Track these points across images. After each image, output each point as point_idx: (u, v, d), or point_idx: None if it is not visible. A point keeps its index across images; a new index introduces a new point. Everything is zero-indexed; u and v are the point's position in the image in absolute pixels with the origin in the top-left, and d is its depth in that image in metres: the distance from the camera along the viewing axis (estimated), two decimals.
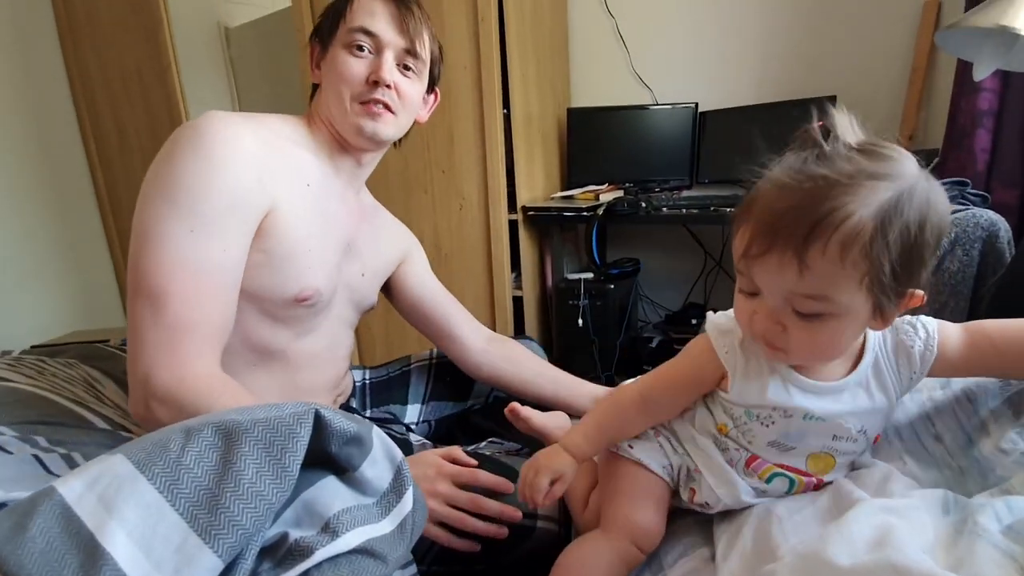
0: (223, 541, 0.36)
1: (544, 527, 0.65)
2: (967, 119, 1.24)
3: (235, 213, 0.63)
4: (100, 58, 2.12)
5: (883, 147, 0.43)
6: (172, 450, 0.38)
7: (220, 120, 0.64)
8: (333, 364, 0.82)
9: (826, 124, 0.44)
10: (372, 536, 0.41)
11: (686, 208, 1.65)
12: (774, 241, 0.42)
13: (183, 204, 0.60)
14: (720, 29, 1.87)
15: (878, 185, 0.41)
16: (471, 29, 1.61)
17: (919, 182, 0.42)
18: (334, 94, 0.73)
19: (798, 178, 0.42)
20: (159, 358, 0.58)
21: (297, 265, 0.69)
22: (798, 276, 0.42)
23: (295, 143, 0.73)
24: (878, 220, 0.40)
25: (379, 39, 0.72)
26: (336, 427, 0.42)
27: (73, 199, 2.25)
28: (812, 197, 0.41)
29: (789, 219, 0.41)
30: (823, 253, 0.40)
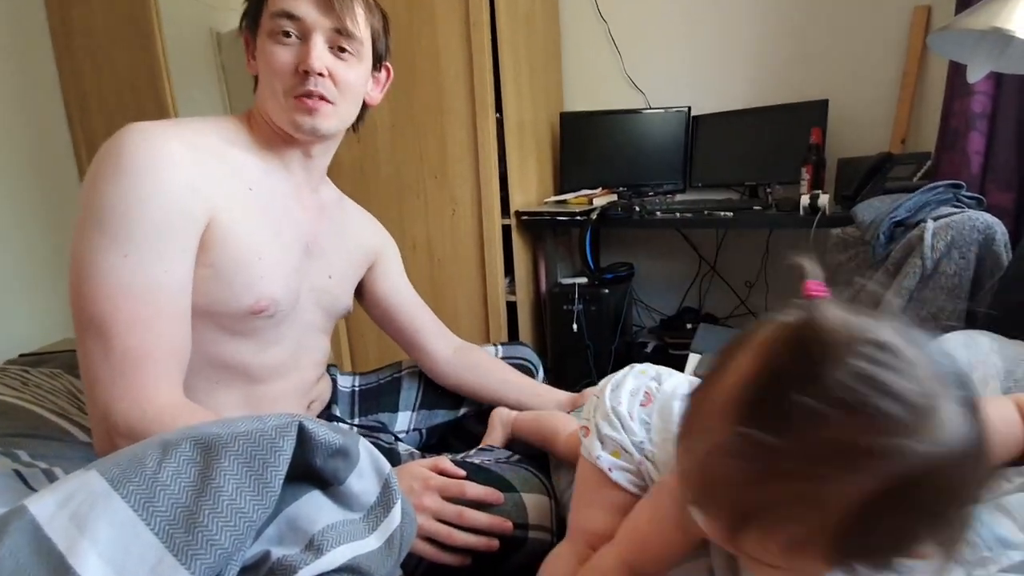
0: (200, 561, 0.35)
1: (536, 537, 0.64)
2: (960, 122, 1.24)
3: (170, 229, 0.58)
4: (94, 65, 2.10)
5: (891, 386, 0.28)
6: (148, 466, 0.37)
7: (139, 132, 0.59)
8: (300, 373, 0.78)
9: (813, 334, 0.30)
10: (358, 553, 0.39)
11: (680, 212, 1.65)
12: (705, 503, 0.33)
13: (112, 229, 0.56)
14: (713, 33, 1.88)
15: (855, 473, 0.27)
16: (463, 34, 1.60)
17: (934, 448, 0.27)
18: (267, 88, 0.68)
19: (738, 444, 0.30)
20: (115, 392, 0.55)
21: (248, 275, 0.65)
22: (732, 548, 0.33)
23: (231, 143, 0.68)
24: (843, 527, 0.28)
25: (303, 22, 0.66)
26: (321, 439, 0.40)
27: (64, 206, 2.23)
28: (751, 478, 0.30)
29: (720, 494, 0.32)
30: (760, 546, 0.31)
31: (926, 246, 0.93)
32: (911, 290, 0.95)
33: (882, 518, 0.28)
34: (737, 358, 0.32)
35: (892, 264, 1.02)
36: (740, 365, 0.32)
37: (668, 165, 1.90)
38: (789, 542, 0.29)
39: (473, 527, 0.61)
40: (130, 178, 0.57)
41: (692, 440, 0.34)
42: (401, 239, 1.82)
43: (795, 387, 0.28)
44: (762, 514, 0.30)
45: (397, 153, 1.78)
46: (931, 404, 0.28)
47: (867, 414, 0.27)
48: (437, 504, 0.60)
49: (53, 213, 2.18)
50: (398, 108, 1.73)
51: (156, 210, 0.57)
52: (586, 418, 0.62)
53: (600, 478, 0.56)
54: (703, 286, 1.99)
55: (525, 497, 0.65)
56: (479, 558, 0.61)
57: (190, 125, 0.66)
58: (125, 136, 0.59)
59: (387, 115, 1.75)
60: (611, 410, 0.59)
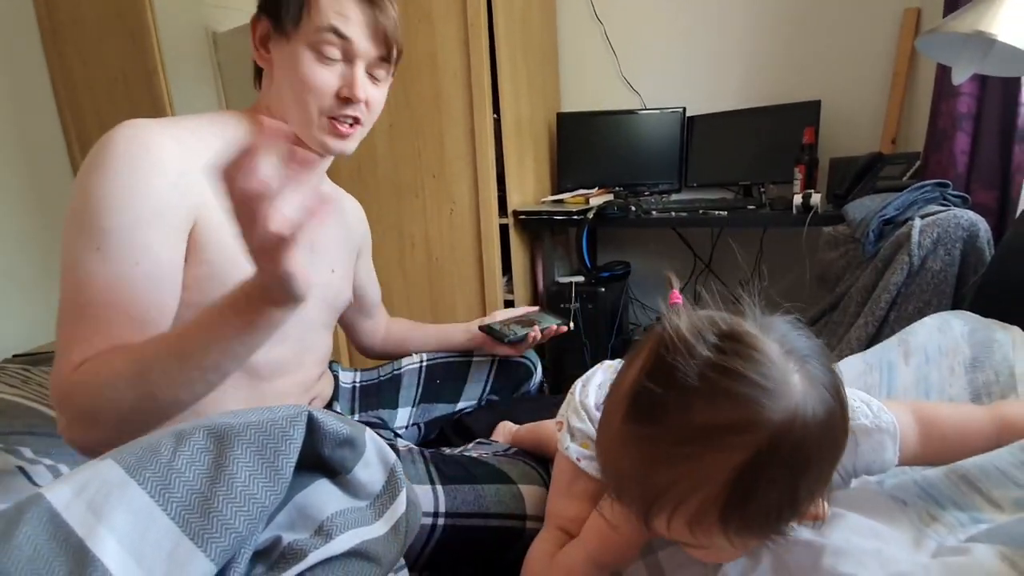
0: (216, 545, 0.36)
1: (533, 527, 0.65)
2: (947, 122, 1.26)
3: (146, 224, 0.58)
4: (85, 62, 2.09)
5: (738, 369, 0.32)
6: (163, 454, 0.38)
7: (130, 129, 0.59)
8: (304, 369, 0.79)
9: (665, 341, 0.34)
10: (366, 538, 0.41)
11: (675, 211, 1.67)
12: (620, 495, 0.37)
13: (88, 223, 0.57)
14: (707, 35, 1.90)
15: (724, 446, 0.32)
16: (461, 35, 1.62)
17: (788, 415, 0.32)
18: (295, 101, 0.66)
19: (628, 439, 0.35)
20: (55, 373, 0.56)
21: (245, 273, 0.65)
22: (650, 533, 0.37)
23: (225, 140, 0.66)
24: (726, 494, 0.32)
25: (352, 46, 0.65)
26: (329, 429, 0.41)
27: (56, 206, 2.22)
28: (645, 467, 0.34)
29: (627, 486, 0.36)
30: (668, 526, 0.34)
31: (913, 243, 0.96)
32: (899, 286, 0.98)
33: (759, 484, 0.32)
34: (629, 364, 0.38)
35: (881, 261, 1.04)
36: (627, 369, 0.37)
37: (664, 165, 1.93)
38: (689, 519, 0.33)
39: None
40: (111, 174, 0.57)
41: (602, 439, 0.38)
42: (399, 238, 1.84)
43: (659, 383, 0.33)
44: (661, 497, 0.33)
45: (395, 152, 1.79)
46: (778, 379, 0.32)
47: (720, 396, 0.32)
48: None
49: (45, 212, 2.18)
50: (396, 108, 1.74)
51: (132, 206, 0.57)
52: (562, 414, 0.66)
53: (571, 468, 0.59)
54: (698, 284, 2.02)
55: (523, 489, 0.67)
56: (478, 549, 0.63)
57: (187, 124, 0.65)
58: (116, 132, 0.59)
59: (385, 115, 1.75)
60: (580, 404, 0.62)
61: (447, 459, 0.71)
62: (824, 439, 0.33)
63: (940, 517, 0.41)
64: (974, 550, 0.34)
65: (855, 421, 0.43)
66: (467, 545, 0.63)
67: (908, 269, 0.96)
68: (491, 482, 0.67)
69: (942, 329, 0.64)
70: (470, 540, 0.63)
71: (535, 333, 0.97)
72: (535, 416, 0.90)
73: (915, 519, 0.42)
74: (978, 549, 0.35)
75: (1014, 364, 0.57)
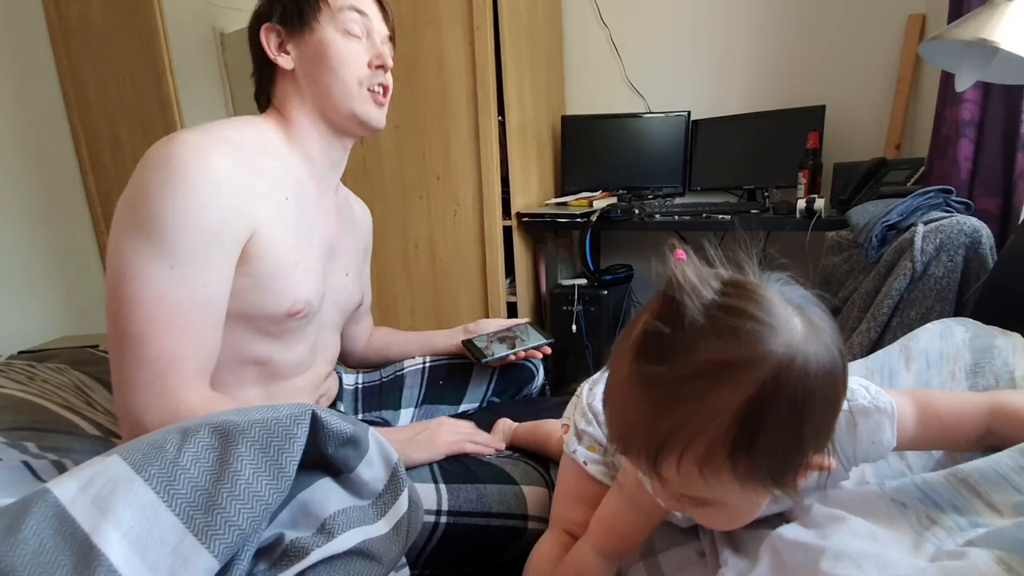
0: (219, 542, 0.36)
1: (535, 528, 0.66)
2: (951, 129, 1.26)
3: (214, 244, 0.60)
4: (94, 62, 2.11)
5: (742, 308, 0.34)
6: (168, 451, 0.39)
7: (191, 147, 0.60)
8: (315, 369, 0.81)
9: (671, 282, 0.35)
10: (368, 537, 0.41)
11: (679, 215, 1.67)
12: (628, 449, 0.37)
13: (159, 240, 0.58)
14: (713, 40, 1.90)
15: (731, 380, 0.33)
16: (466, 37, 1.63)
17: (791, 352, 0.33)
18: (335, 81, 0.70)
19: (637, 381, 0.35)
20: (148, 397, 0.57)
21: (285, 281, 0.68)
22: (661, 483, 0.37)
23: (265, 152, 0.69)
24: (735, 429, 0.33)
25: (371, 21, 0.71)
26: (333, 428, 0.42)
27: (64, 205, 2.24)
28: (655, 408, 0.34)
29: (636, 432, 0.36)
30: (677, 470, 0.35)
31: (916, 249, 0.95)
32: (901, 291, 0.97)
33: (765, 420, 0.33)
34: (636, 319, 0.39)
35: (884, 266, 1.04)
36: (635, 322, 0.38)
37: (668, 169, 1.93)
38: (699, 460, 0.34)
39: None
40: (182, 192, 0.58)
41: (608, 394, 0.39)
42: (403, 239, 1.85)
43: (666, 322, 0.34)
44: (670, 439, 0.34)
45: (400, 153, 1.80)
46: (781, 318, 0.34)
47: (726, 333, 0.33)
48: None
49: (51, 210, 2.19)
50: (402, 109, 1.75)
51: (204, 226, 0.59)
52: (568, 416, 0.66)
53: (578, 471, 0.60)
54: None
55: (525, 489, 0.67)
56: (481, 547, 0.63)
57: (227, 135, 0.66)
58: (177, 149, 0.60)
59: (391, 116, 1.75)
60: (587, 407, 0.63)
61: (450, 459, 0.72)
62: (826, 378, 0.34)
63: (939, 520, 0.41)
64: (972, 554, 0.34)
65: (854, 402, 0.44)
66: (469, 543, 0.63)
67: (911, 275, 0.96)
68: (493, 482, 0.67)
69: (944, 335, 0.64)
70: (472, 538, 0.63)
71: (513, 358, 0.97)
72: (537, 417, 0.90)
73: (915, 522, 0.42)
74: (976, 553, 0.35)
75: (1014, 369, 0.57)
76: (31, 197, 2.13)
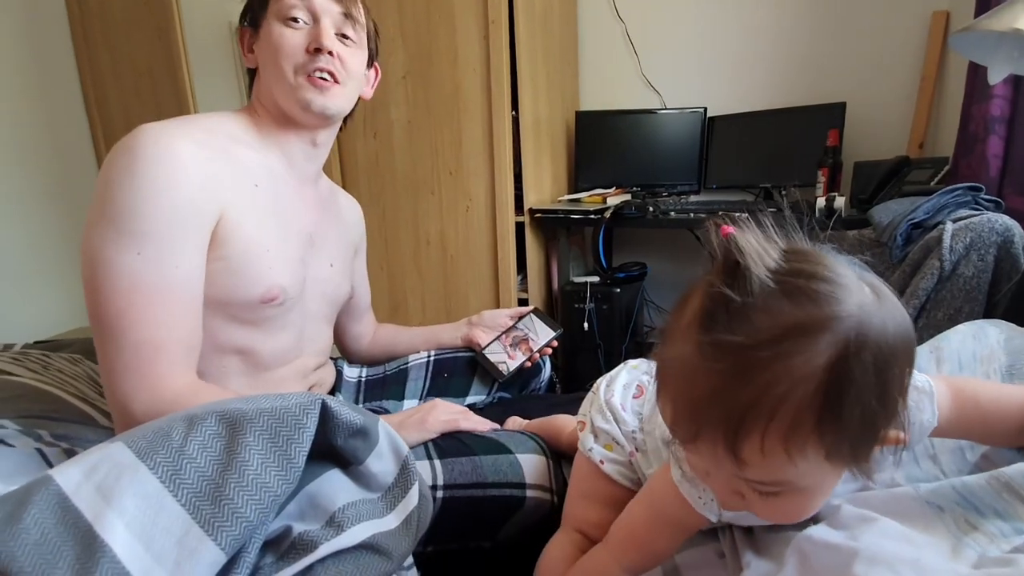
0: (226, 533, 0.35)
1: (535, 496, 0.65)
2: (979, 126, 1.22)
3: (182, 228, 0.61)
4: (112, 55, 2.13)
5: (811, 271, 0.33)
6: (175, 439, 0.38)
7: (151, 134, 0.61)
8: (302, 358, 0.81)
9: (733, 250, 0.34)
10: (378, 531, 0.40)
11: (693, 213, 1.64)
12: (699, 430, 0.34)
13: (126, 228, 0.58)
14: (730, 34, 1.87)
15: (814, 342, 0.31)
16: (481, 31, 1.61)
17: (867, 311, 0.32)
18: (274, 71, 0.70)
19: (710, 353, 0.32)
20: (132, 382, 0.57)
21: (257, 266, 0.68)
22: (737, 468, 0.34)
23: (237, 141, 0.70)
24: (822, 394, 0.31)
25: (313, 6, 0.70)
26: (342, 419, 0.41)
27: (82, 198, 2.26)
28: (732, 380, 0.32)
29: (710, 410, 0.33)
30: (761, 448, 0.32)
31: (945, 248, 0.92)
32: (928, 291, 0.94)
33: (852, 382, 0.31)
34: (685, 301, 0.37)
35: (909, 265, 1.01)
36: (689, 301, 0.36)
37: (683, 166, 1.90)
38: (784, 433, 0.32)
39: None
40: (143, 178, 0.59)
41: (667, 376, 0.36)
42: (415, 234, 1.84)
43: (736, 290, 0.33)
44: (751, 411, 0.32)
45: (413, 148, 1.79)
46: (849, 279, 0.33)
47: (801, 295, 0.32)
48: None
49: (70, 203, 2.21)
50: (415, 103, 1.74)
51: (168, 209, 0.59)
52: (584, 413, 0.65)
53: (593, 470, 0.59)
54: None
55: (521, 457, 0.67)
56: (481, 519, 0.63)
57: (199, 124, 0.68)
58: (139, 137, 0.61)
59: (403, 111, 1.76)
60: (605, 403, 0.61)
61: (444, 435, 0.73)
62: (905, 336, 0.33)
63: (980, 526, 0.39)
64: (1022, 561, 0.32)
65: None
66: (468, 516, 0.63)
67: (939, 274, 0.93)
68: (488, 453, 0.67)
69: (977, 336, 0.62)
70: (470, 511, 0.63)
71: (529, 364, 0.99)
72: (545, 414, 0.89)
73: (952, 526, 0.40)
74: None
75: None
76: (49, 189, 2.16)
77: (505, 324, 1.03)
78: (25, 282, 2.09)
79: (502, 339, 1.01)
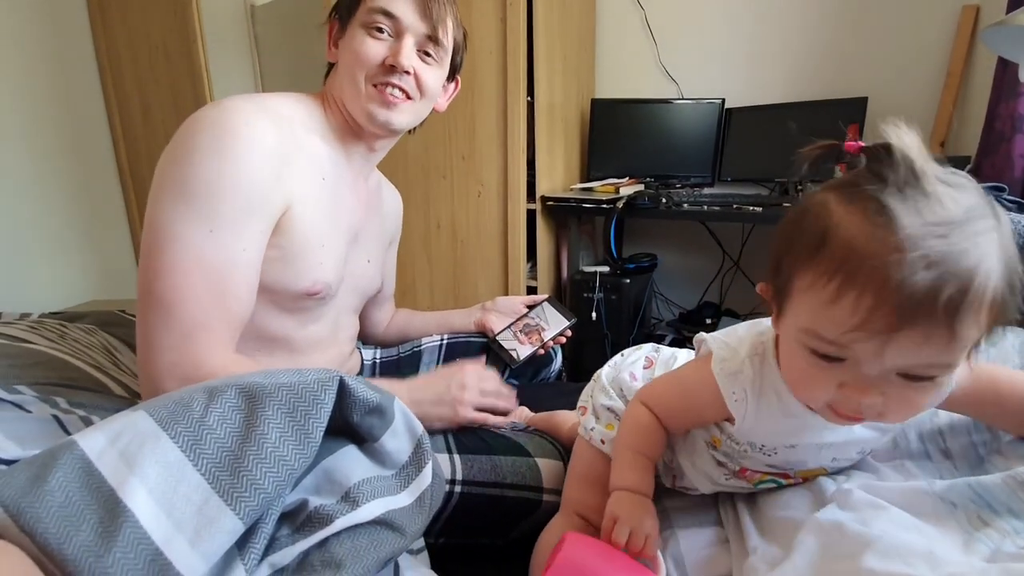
0: (245, 504, 0.36)
1: (550, 500, 0.66)
2: (1005, 124, 1.20)
3: (255, 212, 0.60)
4: (128, 33, 2.13)
5: (952, 172, 0.36)
6: (195, 410, 0.38)
7: (239, 113, 0.61)
8: (337, 347, 0.83)
9: (888, 147, 0.36)
10: (391, 508, 0.40)
11: (707, 205, 1.62)
12: (915, 317, 0.33)
13: (202, 203, 0.57)
14: (751, 24, 1.84)
15: (988, 226, 0.34)
16: (498, 14, 1.59)
17: (995, 206, 0.36)
18: (348, 75, 0.70)
19: (921, 234, 0.33)
20: (173, 358, 0.57)
21: (310, 260, 0.68)
22: (943, 349, 0.34)
23: (309, 130, 0.70)
24: (1003, 269, 0.34)
25: (399, 22, 0.69)
26: (359, 396, 0.41)
27: (96, 172, 2.27)
28: (950, 260, 0.32)
29: (935, 291, 0.32)
30: (976, 322, 0.33)
31: None
32: None
33: (1014, 268, 0.34)
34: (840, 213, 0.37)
35: None
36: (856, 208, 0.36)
37: (698, 157, 1.88)
38: (989, 308, 0.33)
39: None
40: (227, 157, 0.58)
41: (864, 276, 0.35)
42: (425, 219, 1.84)
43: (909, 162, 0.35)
44: (971, 290, 0.33)
45: (424, 132, 1.77)
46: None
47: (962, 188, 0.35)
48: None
49: (83, 178, 2.23)
50: None
51: (247, 192, 0.59)
52: (584, 399, 0.66)
53: (592, 453, 0.60)
54: (725, 282, 1.97)
55: (540, 462, 0.67)
56: (495, 518, 0.63)
57: (275, 107, 0.67)
58: (230, 113, 0.60)
59: None
60: (608, 383, 0.63)
61: (465, 430, 0.72)
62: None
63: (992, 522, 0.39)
64: None
65: None
66: (483, 514, 0.63)
67: None
68: (508, 454, 0.67)
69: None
70: (486, 509, 0.63)
71: (542, 352, 0.99)
72: (554, 402, 0.90)
73: (964, 522, 0.40)
74: None
75: None
76: (65, 165, 2.17)
77: (519, 311, 1.04)
78: (39, 256, 2.11)
79: (515, 326, 1.01)
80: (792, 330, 0.39)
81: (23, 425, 0.63)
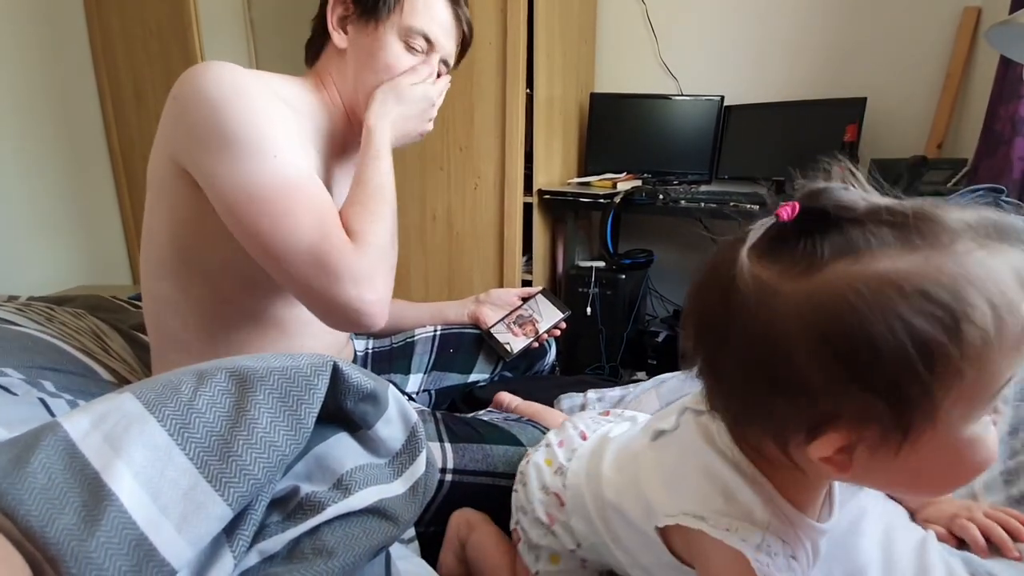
0: (233, 489, 0.35)
1: None
2: (1005, 126, 1.20)
3: (293, 138, 0.63)
4: (122, 16, 2.09)
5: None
6: (183, 392, 0.37)
7: (245, 73, 0.62)
8: (331, 333, 0.81)
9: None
10: (384, 496, 0.40)
11: (704, 202, 1.62)
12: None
13: (254, 140, 0.58)
14: (752, 21, 1.83)
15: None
16: (499, 5, 1.58)
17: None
18: (368, 77, 0.71)
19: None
20: (331, 243, 0.60)
21: None
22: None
23: (300, 112, 0.70)
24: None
25: (435, 46, 0.73)
26: (353, 382, 0.40)
27: (87, 157, 2.24)
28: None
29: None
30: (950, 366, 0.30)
31: None
32: None
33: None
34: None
35: None
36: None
37: (696, 154, 1.88)
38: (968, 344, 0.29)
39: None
40: (248, 97, 0.59)
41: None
42: (421, 210, 1.83)
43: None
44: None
45: None
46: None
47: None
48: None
49: (75, 161, 2.19)
50: None
51: (277, 119, 0.61)
52: (515, 518, 0.56)
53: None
54: None
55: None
56: (486, 507, 0.63)
57: (268, 82, 0.67)
58: (227, 68, 0.60)
59: None
60: (542, 496, 0.54)
61: (457, 420, 0.72)
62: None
63: None
64: None
65: None
66: (474, 503, 0.63)
67: None
68: (500, 443, 0.67)
69: None
70: (478, 498, 0.63)
71: (536, 345, 1.00)
72: (547, 395, 0.90)
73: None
74: None
75: None
76: (55, 148, 2.13)
77: (513, 303, 1.03)
78: (28, 240, 2.08)
79: (509, 318, 1.00)
80: (950, 439, 0.32)
81: (9, 407, 0.62)
